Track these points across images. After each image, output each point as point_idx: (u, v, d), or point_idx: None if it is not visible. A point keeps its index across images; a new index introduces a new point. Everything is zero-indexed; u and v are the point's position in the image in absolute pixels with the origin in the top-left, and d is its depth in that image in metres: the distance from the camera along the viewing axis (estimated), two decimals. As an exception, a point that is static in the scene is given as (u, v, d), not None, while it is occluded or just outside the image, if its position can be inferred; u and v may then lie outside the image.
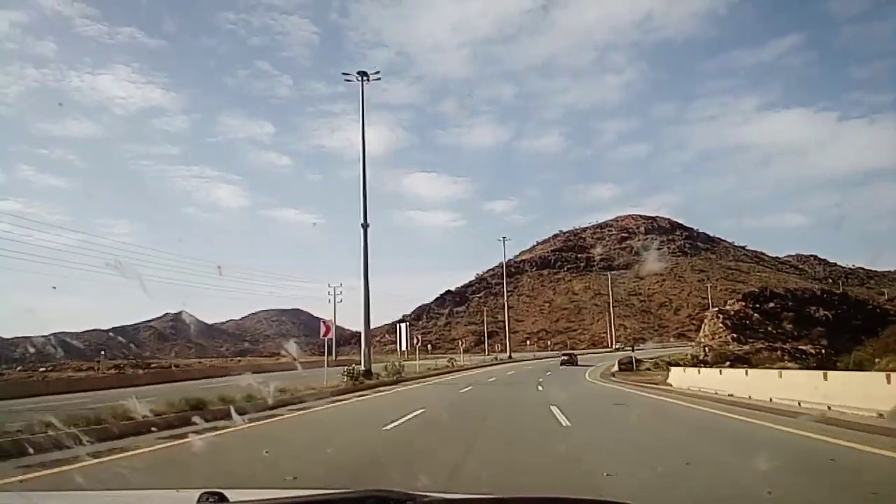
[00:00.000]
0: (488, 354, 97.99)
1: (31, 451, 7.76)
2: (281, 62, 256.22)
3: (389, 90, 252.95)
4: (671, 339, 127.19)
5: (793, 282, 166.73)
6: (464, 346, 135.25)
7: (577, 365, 47.30)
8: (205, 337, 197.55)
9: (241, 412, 12.68)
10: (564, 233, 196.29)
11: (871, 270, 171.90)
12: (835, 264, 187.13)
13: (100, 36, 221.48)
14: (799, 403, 12.56)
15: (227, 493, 1.80)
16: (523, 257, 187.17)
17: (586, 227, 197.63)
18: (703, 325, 53.82)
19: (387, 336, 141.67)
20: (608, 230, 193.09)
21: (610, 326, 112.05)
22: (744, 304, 57.95)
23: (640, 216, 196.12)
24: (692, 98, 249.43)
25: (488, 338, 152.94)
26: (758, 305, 58.78)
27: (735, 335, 48.89)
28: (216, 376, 35.42)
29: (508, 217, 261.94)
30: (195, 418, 11.24)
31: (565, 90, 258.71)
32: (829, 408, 11.35)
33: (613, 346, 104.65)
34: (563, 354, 59.40)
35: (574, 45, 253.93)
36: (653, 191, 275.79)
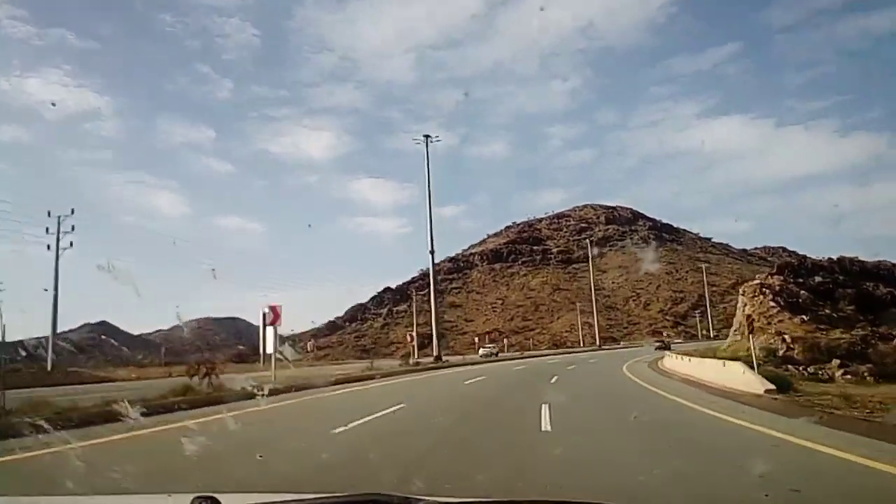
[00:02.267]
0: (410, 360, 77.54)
1: None
2: (222, 65, 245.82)
3: (335, 94, 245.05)
4: (646, 337, 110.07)
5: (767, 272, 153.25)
6: (406, 349, 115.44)
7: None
8: (130, 348, 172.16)
9: None
10: (518, 224, 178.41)
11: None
12: (804, 256, 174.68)
13: (28, 38, 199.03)
14: None
15: (220, 497, 1.81)
16: (474, 250, 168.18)
17: (542, 218, 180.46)
18: (740, 307, 35.03)
19: (313, 339, 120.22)
20: (565, 221, 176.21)
21: (596, 322, 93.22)
22: (782, 278, 39.43)
23: (600, 206, 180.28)
24: (635, 104, 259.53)
25: (427, 342, 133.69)
26: (800, 280, 40.47)
27: (797, 318, 30.34)
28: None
29: (458, 222, 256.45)
30: None
31: (512, 96, 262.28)
32: None
33: (598, 345, 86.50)
34: (657, 341, 70.33)
35: (519, 51, 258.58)
36: (599, 196, 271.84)
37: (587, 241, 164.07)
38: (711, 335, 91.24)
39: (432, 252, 48.40)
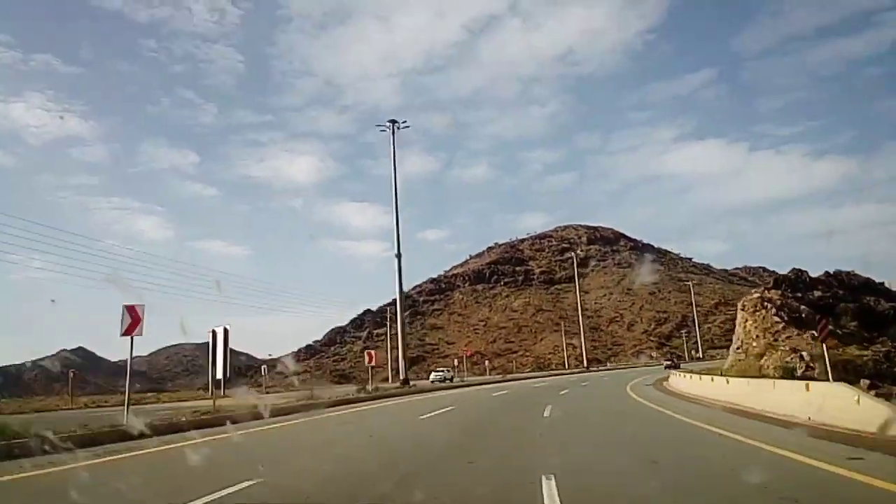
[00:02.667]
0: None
1: None
2: (205, 90, 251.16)
3: (319, 118, 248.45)
4: (631, 358, 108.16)
5: (748, 293, 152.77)
6: (383, 371, 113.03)
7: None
8: (106, 376, 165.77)
9: None
10: (500, 245, 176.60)
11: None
12: (801, 270, 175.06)
13: (14, 63, 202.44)
14: None
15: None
16: (455, 271, 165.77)
17: (524, 239, 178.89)
18: (739, 322, 32.88)
19: (281, 363, 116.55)
20: (548, 241, 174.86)
21: (583, 343, 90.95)
22: (780, 292, 37.52)
23: (582, 226, 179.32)
24: (614, 129, 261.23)
25: (414, 363, 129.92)
26: (799, 294, 38.61)
27: (805, 334, 28.25)
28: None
29: (441, 246, 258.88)
30: None
31: (493, 121, 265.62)
32: None
33: (585, 366, 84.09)
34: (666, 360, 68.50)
35: (500, 77, 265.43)
36: (581, 218, 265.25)
37: (572, 259, 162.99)
38: (701, 355, 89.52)
39: (399, 256, 43.96)
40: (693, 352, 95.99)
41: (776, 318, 30.00)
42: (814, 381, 13.30)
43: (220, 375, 28.60)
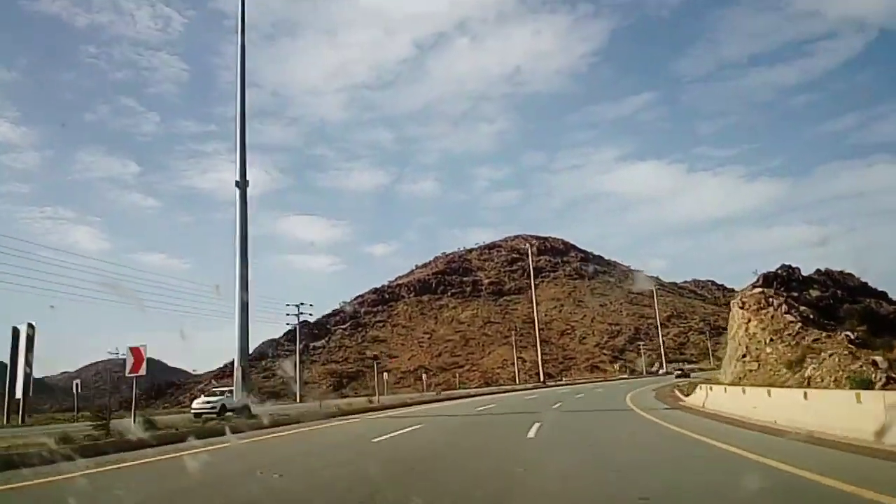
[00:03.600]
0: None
1: None
2: (147, 99, 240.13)
3: (264, 131, 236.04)
4: (583, 373, 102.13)
5: (699, 306, 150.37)
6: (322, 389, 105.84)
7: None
8: (31, 393, 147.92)
9: None
10: (448, 255, 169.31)
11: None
12: (732, 289, 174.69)
13: None
14: None
15: None
16: (401, 281, 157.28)
17: (472, 249, 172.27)
18: (739, 325, 26.00)
19: (214, 381, 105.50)
20: (497, 251, 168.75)
21: (540, 356, 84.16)
22: (772, 291, 30.98)
23: (532, 236, 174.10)
24: (559, 148, 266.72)
25: (353, 379, 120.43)
26: (794, 294, 32.23)
27: (839, 335, 21.60)
28: None
29: (388, 260, 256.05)
30: None
31: (441, 137, 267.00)
32: None
33: (542, 381, 77.24)
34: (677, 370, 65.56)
35: (449, 94, 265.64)
36: (530, 229, 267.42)
37: (522, 270, 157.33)
38: (664, 369, 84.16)
39: (241, 185, 26.46)
40: (656, 364, 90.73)
41: (789, 318, 23.28)
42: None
43: (19, 393, 20.44)
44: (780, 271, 36.53)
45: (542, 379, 73.77)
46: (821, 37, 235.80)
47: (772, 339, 22.51)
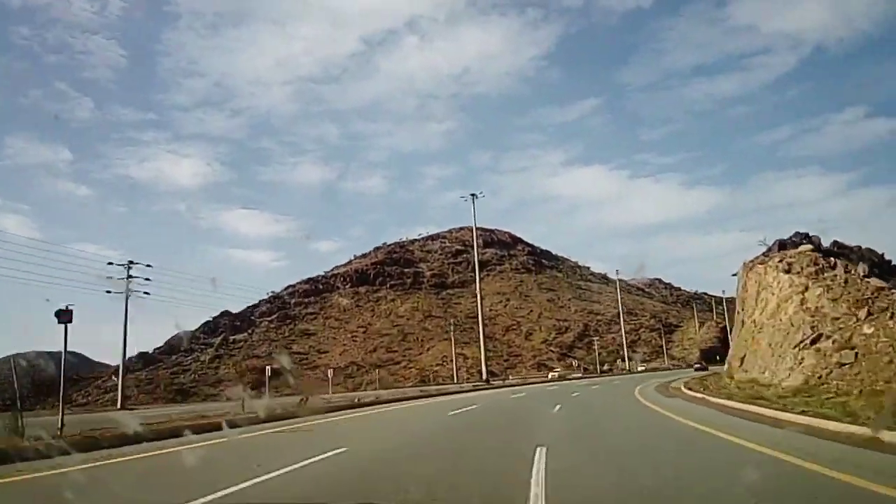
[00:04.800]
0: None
1: None
2: (82, 83, 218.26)
3: (207, 121, 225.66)
4: (530, 370, 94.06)
5: (649, 304, 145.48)
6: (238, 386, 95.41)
7: None
8: None
9: None
10: (388, 245, 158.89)
11: (715, 296, 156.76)
12: (679, 288, 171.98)
13: None
14: None
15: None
16: (337, 272, 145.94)
17: (415, 239, 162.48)
18: (787, 296, 17.29)
19: (113, 378, 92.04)
20: (441, 242, 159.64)
21: (483, 353, 75.24)
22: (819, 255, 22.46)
23: (478, 228, 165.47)
24: (507, 149, 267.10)
25: (277, 375, 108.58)
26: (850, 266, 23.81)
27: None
28: None
29: (334, 257, 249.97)
30: None
31: (389, 134, 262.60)
32: None
33: (485, 380, 68.23)
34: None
35: (397, 91, 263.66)
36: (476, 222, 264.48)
37: (466, 262, 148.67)
38: (628, 367, 76.81)
39: None
40: (619, 361, 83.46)
41: (877, 283, 14.64)
42: None
43: None
44: (794, 238, 28.33)
45: (484, 377, 64.69)
46: (758, 51, 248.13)
47: (870, 315, 14.05)
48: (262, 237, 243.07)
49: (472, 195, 53.70)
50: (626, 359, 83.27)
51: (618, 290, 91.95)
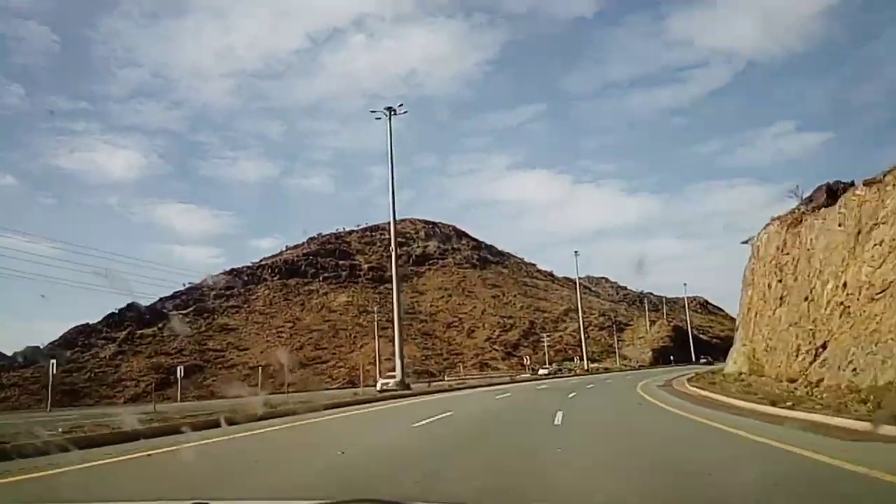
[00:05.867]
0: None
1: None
2: (11, 69, 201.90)
3: (143, 112, 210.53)
4: (470, 370, 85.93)
5: (596, 302, 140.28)
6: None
7: None
8: None
9: None
10: (324, 235, 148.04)
11: (661, 296, 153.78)
12: (625, 287, 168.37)
13: None
14: None
15: (213, 503, 1.63)
16: (265, 262, 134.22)
17: (352, 231, 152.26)
18: (858, 257, 9.25)
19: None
20: (380, 234, 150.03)
21: (397, 352, 65.45)
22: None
23: (421, 220, 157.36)
24: (453, 152, 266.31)
25: (186, 375, 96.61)
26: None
27: None
28: None
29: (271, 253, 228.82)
30: None
31: (335, 133, 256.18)
32: None
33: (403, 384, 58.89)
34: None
35: (343, 89, 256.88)
36: (418, 213, 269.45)
37: (406, 255, 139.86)
38: (586, 366, 69.61)
39: None
40: (577, 359, 76.38)
41: None
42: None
43: None
44: (831, 183, 20.95)
45: (398, 377, 55.55)
46: (694, 65, 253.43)
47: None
48: (200, 233, 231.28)
49: (389, 109, 42.19)
50: (584, 358, 76.47)
51: (577, 284, 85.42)
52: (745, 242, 26.39)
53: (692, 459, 8.06)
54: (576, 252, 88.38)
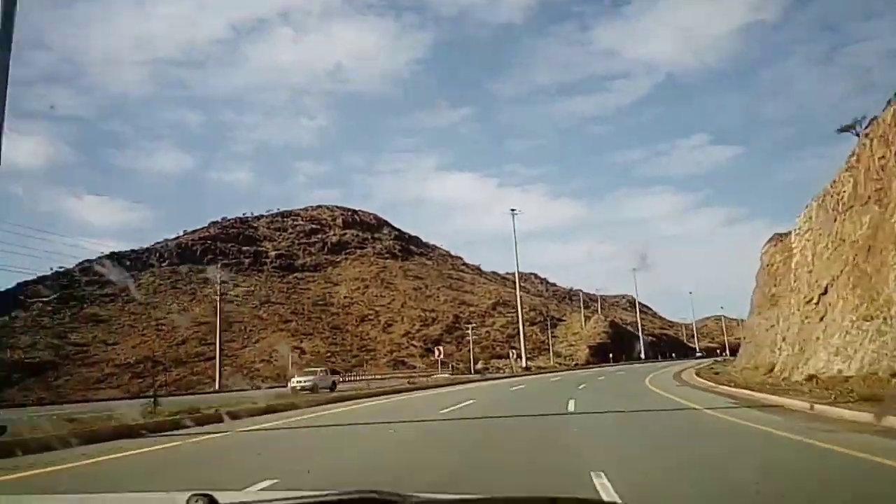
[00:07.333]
0: None
1: None
2: None
3: (52, 98, 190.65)
4: (383, 368, 73.90)
5: (526, 297, 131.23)
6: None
7: None
8: None
9: None
10: (228, 219, 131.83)
11: (590, 293, 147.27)
12: (555, 283, 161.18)
13: None
14: None
15: (216, 494, 1.74)
16: (156, 246, 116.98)
17: (261, 216, 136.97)
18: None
19: None
20: (292, 220, 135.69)
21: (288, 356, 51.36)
22: None
23: (338, 207, 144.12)
24: (380, 151, 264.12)
25: (35, 372, 79.42)
26: None
27: None
28: None
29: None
30: None
31: (258, 126, 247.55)
32: None
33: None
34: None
35: (267, 82, 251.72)
36: (338, 200, 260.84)
37: (321, 243, 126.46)
38: (525, 364, 58.96)
39: None
40: (514, 354, 65.70)
41: None
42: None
43: None
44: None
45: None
46: (617, 75, 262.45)
47: None
48: (114, 225, 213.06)
49: (512, 210, 35.74)
50: (522, 356, 65.99)
51: (517, 275, 75.54)
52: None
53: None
54: (512, 210, 74.95)
